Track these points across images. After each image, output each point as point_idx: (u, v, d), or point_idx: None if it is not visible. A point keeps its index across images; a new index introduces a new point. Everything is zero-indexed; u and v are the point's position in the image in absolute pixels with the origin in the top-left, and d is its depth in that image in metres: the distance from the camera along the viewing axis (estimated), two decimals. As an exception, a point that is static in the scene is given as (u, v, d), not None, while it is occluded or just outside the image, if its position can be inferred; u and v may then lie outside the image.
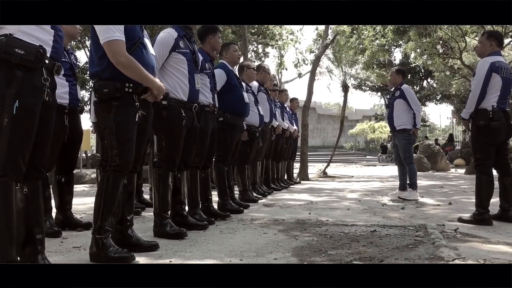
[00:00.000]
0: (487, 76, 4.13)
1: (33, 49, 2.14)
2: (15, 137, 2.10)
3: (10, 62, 2.09)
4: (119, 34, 2.69)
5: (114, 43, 2.67)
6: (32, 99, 2.15)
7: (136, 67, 2.73)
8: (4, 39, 2.09)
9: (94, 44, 2.79)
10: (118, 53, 2.67)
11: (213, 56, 4.38)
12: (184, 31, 3.64)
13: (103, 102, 2.77)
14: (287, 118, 8.12)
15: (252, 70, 5.74)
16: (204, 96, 4.02)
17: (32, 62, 2.14)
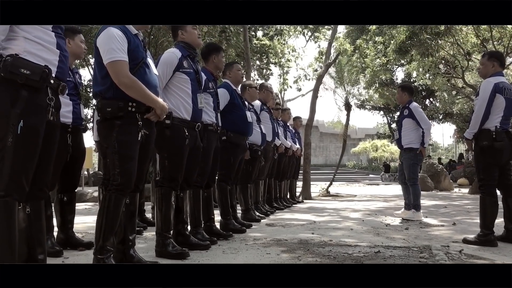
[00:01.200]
0: (490, 96, 4.14)
1: (38, 69, 2.16)
2: (19, 157, 2.10)
3: (15, 82, 2.10)
4: (122, 54, 2.73)
5: (117, 64, 2.71)
6: (37, 119, 2.16)
7: (139, 87, 2.75)
8: (10, 59, 2.10)
9: (98, 64, 2.82)
10: (121, 73, 2.70)
11: (217, 75, 4.41)
12: (187, 51, 3.67)
13: (106, 121, 2.80)
14: (290, 137, 8.12)
15: (254, 89, 5.76)
16: (207, 115, 4.02)
17: (37, 82, 2.15)
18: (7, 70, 2.10)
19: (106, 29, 2.80)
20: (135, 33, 2.91)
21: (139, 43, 2.91)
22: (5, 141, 2.09)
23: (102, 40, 2.78)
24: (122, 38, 2.77)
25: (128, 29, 2.87)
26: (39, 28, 2.22)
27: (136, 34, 2.92)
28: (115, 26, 2.83)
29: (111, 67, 2.71)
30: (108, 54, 2.71)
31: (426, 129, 6.01)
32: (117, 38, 2.75)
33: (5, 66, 2.10)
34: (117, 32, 2.77)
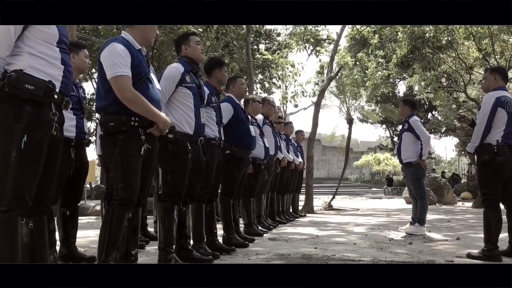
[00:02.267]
0: (492, 110, 4.14)
1: (42, 85, 2.18)
2: (22, 172, 2.11)
3: (19, 98, 2.12)
4: (125, 69, 2.75)
5: (120, 79, 2.73)
6: (40, 134, 2.17)
7: (142, 102, 2.77)
8: (15, 75, 2.12)
9: (101, 78, 2.84)
10: (124, 88, 2.72)
11: (219, 90, 4.42)
12: (190, 65, 3.69)
13: (109, 135, 2.81)
14: (292, 151, 8.12)
15: (258, 103, 5.77)
16: (210, 130, 4.04)
17: (41, 97, 2.17)
18: (11, 85, 2.12)
19: (109, 44, 2.83)
20: (138, 48, 2.94)
21: (142, 58, 2.93)
22: (8, 156, 2.09)
23: (106, 55, 2.80)
24: (125, 53, 2.80)
25: (131, 44, 2.90)
26: (44, 43, 2.24)
27: (140, 49, 2.95)
28: (119, 41, 2.86)
29: (114, 82, 2.73)
30: (112, 69, 2.73)
31: (424, 141, 5.95)
32: (121, 53, 2.78)
33: (9, 81, 2.12)
34: (120, 47, 2.80)
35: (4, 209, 2.07)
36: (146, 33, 3.01)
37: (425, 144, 5.97)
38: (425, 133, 6.05)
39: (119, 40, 2.88)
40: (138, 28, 2.98)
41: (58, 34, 2.31)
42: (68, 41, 2.47)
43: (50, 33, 2.27)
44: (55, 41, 2.30)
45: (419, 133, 5.98)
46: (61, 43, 2.34)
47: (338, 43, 13.08)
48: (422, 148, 5.95)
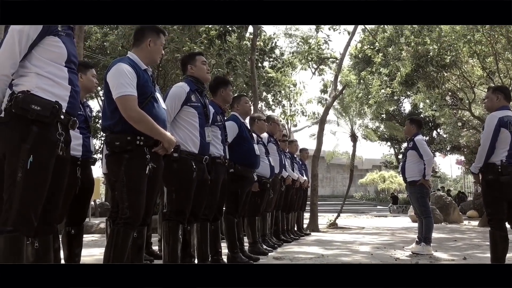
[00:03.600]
0: (495, 131, 4.14)
1: (48, 105, 2.20)
2: (28, 192, 2.12)
3: (26, 118, 2.14)
4: (131, 89, 2.78)
5: (126, 98, 2.75)
6: (46, 154, 2.19)
7: (147, 122, 2.79)
8: (21, 96, 2.14)
9: (107, 98, 2.87)
10: (130, 108, 2.75)
11: (224, 108, 4.46)
12: (196, 85, 3.73)
13: (115, 155, 2.83)
14: (297, 169, 8.11)
15: (263, 121, 5.80)
16: (215, 148, 4.05)
17: (47, 118, 2.19)
18: (18, 106, 2.14)
19: (116, 64, 2.87)
20: (144, 68, 2.98)
21: (148, 78, 2.96)
22: (14, 176, 2.11)
23: (112, 75, 2.84)
24: (131, 73, 2.83)
25: (137, 64, 2.94)
26: (52, 63, 2.26)
27: (145, 69, 2.98)
28: (125, 61, 2.89)
29: (120, 102, 2.76)
30: (118, 88, 2.77)
31: (427, 160, 5.94)
32: (127, 73, 2.81)
33: (16, 102, 2.14)
34: (126, 67, 2.83)
35: (10, 229, 2.08)
36: (151, 53, 3.05)
37: (428, 164, 5.95)
38: (428, 153, 6.05)
39: (126, 60, 2.92)
40: (144, 49, 3.02)
41: (67, 53, 2.33)
42: (77, 61, 2.48)
43: (58, 52, 2.29)
44: (63, 61, 2.32)
45: (422, 152, 5.97)
46: (69, 62, 2.35)
47: (342, 61, 13.16)
48: (425, 168, 5.94)
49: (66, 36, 2.35)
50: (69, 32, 2.40)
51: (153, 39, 3.04)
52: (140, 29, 3.10)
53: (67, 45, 2.34)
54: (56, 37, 2.28)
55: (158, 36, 3.08)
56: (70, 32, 2.41)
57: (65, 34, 2.35)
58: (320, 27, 12.72)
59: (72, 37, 2.46)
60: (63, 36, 2.32)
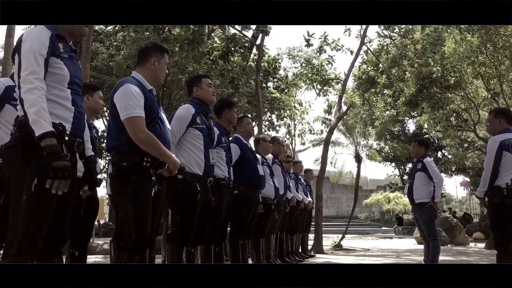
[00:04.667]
0: (497, 155, 4.14)
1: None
2: (32, 215, 2.11)
3: (29, 141, 2.13)
4: (139, 110, 2.78)
5: (135, 120, 2.75)
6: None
7: (155, 143, 2.79)
8: (24, 119, 2.15)
9: (113, 118, 2.87)
10: (139, 129, 2.75)
11: (229, 130, 4.47)
12: (201, 107, 3.75)
13: (121, 176, 2.81)
14: (302, 190, 8.08)
15: (268, 143, 5.81)
16: (219, 170, 4.05)
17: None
18: (22, 129, 2.15)
19: (123, 85, 2.86)
20: (149, 88, 2.98)
21: (154, 98, 2.97)
22: (19, 199, 2.10)
23: (120, 96, 2.84)
24: (139, 94, 2.83)
25: (143, 84, 2.94)
26: (54, 85, 2.26)
27: (151, 89, 2.99)
28: (132, 82, 2.90)
29: (128, 123, 2.76)
30: (126, 110, 2.76)
31: (437, 183, 5.89)
32: (135, 94, 2.81)
33: (19, 126, 2.16)
34: (134, 88, 2.84)
35: (14, 253, 2.07)
36: (156, 73, 3.06)
37: (438, 186, 5.89)
38: (438, 175, 6.01)
39: (132, 81, 2.92)
40: (149, 68, 3.03)
41: (69, 75, 2.33)
42: (81, 83, 2.48)
43: (61, 74, 2.29)
44: (66, 83, 2.31)
45: (432, 175, 5.92)
46: (72, 84, 2.35)
47: (346, 82, 13.23)
48: (435, 190, 5.88)
49: (68, 58, 2.35)
50: (72, 54, 2.41)
51: (157, 58, 3.04)
52: (144, 49, 3.11)
53: (69, 67, 2.34)
54: (59, 59, 2.29)
55: (162, 55, 3.08)
56: (72, 54, 2.42)
57: (68, 56, 2.35)
58: (323, 47, 12.81)
59: (76, 59, 2.47)
60: (65, 58, 2.33)
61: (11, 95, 3.09)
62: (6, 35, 13.11)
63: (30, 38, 2.21)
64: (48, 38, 2.24)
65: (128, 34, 10.24)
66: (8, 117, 3.07)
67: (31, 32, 2.25)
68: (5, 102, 3.09)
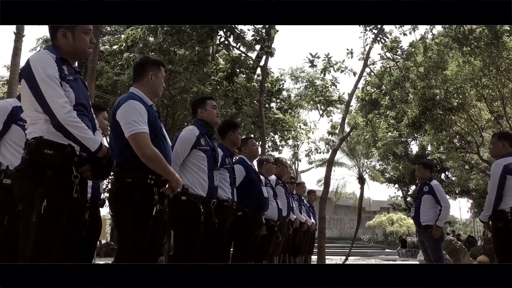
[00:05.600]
0: (501, 179, 4.13)
1: (61, 148, 2.22)
2: (41, 236, 2.11)
3: (39, 163, 2.16)
4: (144, 126, 2.76)
5: (140, 136, 2.73)
6: (61, 198, 2.19)
7: (160, 160, 2.77)
8: (34, 142, 2.17)
9: (116, 135, 2.84)
10: (145, 145, 2.72)
11: (233, 151, 4.48)
12: (205, 129, 3.76)
13: (124, 192, 2.77)
14: (305, 211, 8.04)
15: (271, 164, 5.80)
16: (223, 191, 4.04)
17: (60, 161, 2.20)
18: (31, 152, 2.18)
19: (127, 101, 2.84)
20: (150, 104, 2.95)
21: (155, 114, 2.95)
22: (29, 221, 2.11)
23: (123, 112, 2.81)
24: (143, 110, 2.81)
25: (144, 100, 2.92)
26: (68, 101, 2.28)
27: (151, 105, 2.97)
28: (134, 97, 2.87)
29: (133, 139, 2.72)
30: (130, 126, 2.74)
31: (444, 207, 5.82)
32: (139, 110, 2.79)
33: (29, 148, 2.19)
34: (138, 104, 2.82)
35: None
36: (154, 87, 3.03)
37: (445, 210, 5.82)
38: (446, 200, 5.97)
39: (135, 97, 2.89)
40: (147, 83, 3.00)
41: (75, 97, 2.35)
42: (87, 103, 2.50)
43: (67, 96, 2.30)
44: (71, 105, 2.32)
45: (440, 199, 5.87)
46: (78, 105, 2.37)
47: (350, 103, 13.27)
48: (440, 214, 5.80)
49: (73, 80, 2.38)
50: (76, 76, 2.44)
51: (154, 72, 3.02)
52: (140, 64, 3.09)
53: (75, 89, 2.36)
54: (64, 82, 2.31)
55: (159, 69, 3.06)
56: (77, 76, 2.45)
57: (73, 78, 2.38)
58: (327, 68, 12.89)
59: (81, 80, 2.49)
60: (70, 80, 2.35)
61: (17, 116, 3.12)
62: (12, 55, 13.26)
63: (40, 65, 2.24)
64: (55, 62, 2.28)
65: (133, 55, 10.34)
66: (14, 137, 3.09)
67: (39, 58, 2.28)
68: (12, 122, 3.11)
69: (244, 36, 8.78)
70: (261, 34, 8.96)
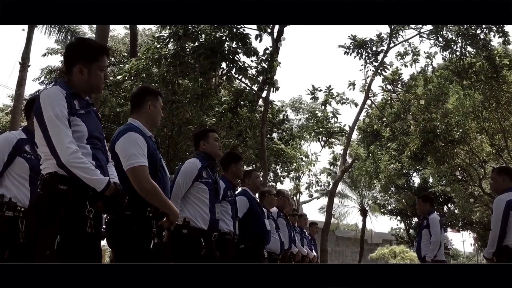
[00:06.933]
0: (504, 215, 4.11)
1: (75, 183, 2.20)
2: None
3: (54, 198, 2.17)
4: (142, 159, 2.71)
5: (139, 169, 2.68)
6: (75, 233, 2.18)
7: (159, 194, 2.73)
8: (48, 177, 2.19)
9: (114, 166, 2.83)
10: (143, 179, 2.67)
11: (235, 183, 4.47)
12: (207, 161, 3.76)
13: (123, 225, 2.73)
14: (306, 244, 7.96)
15: (273, 196, 5.79)
16: (225, 224, 4.01)
17: (74, 196, 2.20)
18: (45, 187, 2.20)
19: (126, 134, 2.80)
20: (149, 135, 2.92)
21: (154, 145, 2.91)
22: (42, 256, 2.12)
23: (123, 145, 2.77)
24: (142, 142, 2.78)
25: (143, 132, 2.88)
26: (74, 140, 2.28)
27: (150, 136, 2.94)
28: (134, 129, 2.84)
29: (132, 173, 2.68)
30: (129, 159, 2.69)
31: (433, 242, 5.81)
32: (138, 142, 2.76)
33: (44, 184, 2.20)
34: (137, 136, 2.78)
35: None
36: (153, 117, 3.00)
37: (433, 244, 5.80)
38: (437, 235, 5.90)
39: (134, 128, 2.86)
40: (145, 113, 2.97)
41: (87, 131, 2.35)
42: (101, 135, 2.49)
43: (79, 131, 2.31)
44: (84, 139, 2.33)
45: (432, 232, 5.87)
46: (91, 138, 2.37)
47: (351, 135, 13.32)
48: (430, 248, 5.78)
49: (86, 114, 2.39)
50: (89, 109, 2.45)
51: (152, 102, 2.99)
52: (138, 94, 3.06)
53: (86, 122, 2.37)
54: (75, 117, 2.32)
55: (157, 99, 3.03)
56: (89, 109, 2.45)
57: (85, 112, 2.39)
58: (328, 101, 13.00)
59: (93, 113, 2.50)
60: (82, 114, 2.36)
61: (22, 148, 3.12)
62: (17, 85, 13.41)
63: (49, 103, 2.26)
64: (64, 99, 2.30)
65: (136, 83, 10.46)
66: (18, 170, 3.10)
67: (48, 96, 2.30)
68: (16, 155, 3.12)
69: (247, 69, 8.90)
70: (263, 66, 9.09)
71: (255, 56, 9.23)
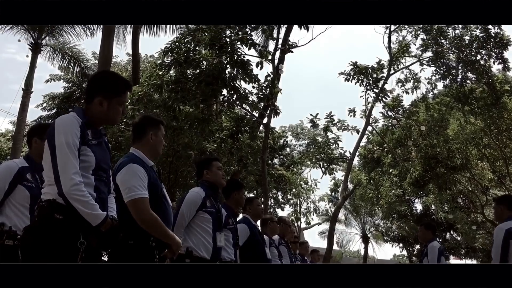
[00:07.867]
0: (504, 244, 4.09)
1: (72, 213, 2.19)
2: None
3: (49, 227, 2.16)
4: (143, 191, 2.69)
5: (139, 201, 2.66)
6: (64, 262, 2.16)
7: (159, 225, 2.70)
8: (46, 205, 2.17)
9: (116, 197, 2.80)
10: (143, 211, 2.65)
11: (237, 211, 4.43)
12: (211, 190, 3.74)
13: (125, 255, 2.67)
14: (308, 272, 7.86)
15: (275, 223, 5.74)
16: (226, 253, 3.96)
17: (68, 227, 2.18)
18: (42, 215, 2.18)
19: (127, 165, 2.78)
20: (151, 165, 2.90)
21: (156, 175, 2.90)
22: None
23: (123, 177, 2.75)
24: (143, 174, 2.76)
25: (145, 162, 2.86)
26: (80, 172, 2.26)
27: (152, 166, 2.92)
28: (136, 161, 2.82)
29: (132, 205, 2.66)
30: (129, 191, 2.68)
31: None
32: (139, 174, 2.73)
33: (40, 211, 2.19)
34: (138, 168, 2.76)
35: None
36: (155, 146, 2.98)
37: None
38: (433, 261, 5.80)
39: (135, 160, 2.83)
40: (147, 143, 2.94)
41: (95, 162, 2.35)
42: (107, 167, 2.48)
43: (87, 161, 2.31)
44: (91, 169, 2.33)
45: (429, 259, 5.79)
46: (97, 170, 2.37)
47: (352, 161, 13.31)
48: None
49: (97, 144, 2.39)
50: (101, 140, 2.45)
51: (154, 131, 2.97)
52: (139, 124, 3.05)
53: (96, 153, 2.36)
54: (86, 146, 2.32)
55: (159, 128, 3.01)
56: (101, 140, 2.45)
57: (97, 142, 2.39)
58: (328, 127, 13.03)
59: (104, 144, 2.50)
60: (94, 145, 2.36)
61: (24, 176, 3.12)
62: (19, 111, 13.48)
63: (63, 130, 2.26)
64: (79, 127, 2.30)
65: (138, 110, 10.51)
66: (19, 198, 3.08)
67: (63, 122, 2.30)
68: (17, 183, 3.11)
69: (247, 96, 8.95)
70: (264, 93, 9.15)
71: (256, 83, 9.30)
